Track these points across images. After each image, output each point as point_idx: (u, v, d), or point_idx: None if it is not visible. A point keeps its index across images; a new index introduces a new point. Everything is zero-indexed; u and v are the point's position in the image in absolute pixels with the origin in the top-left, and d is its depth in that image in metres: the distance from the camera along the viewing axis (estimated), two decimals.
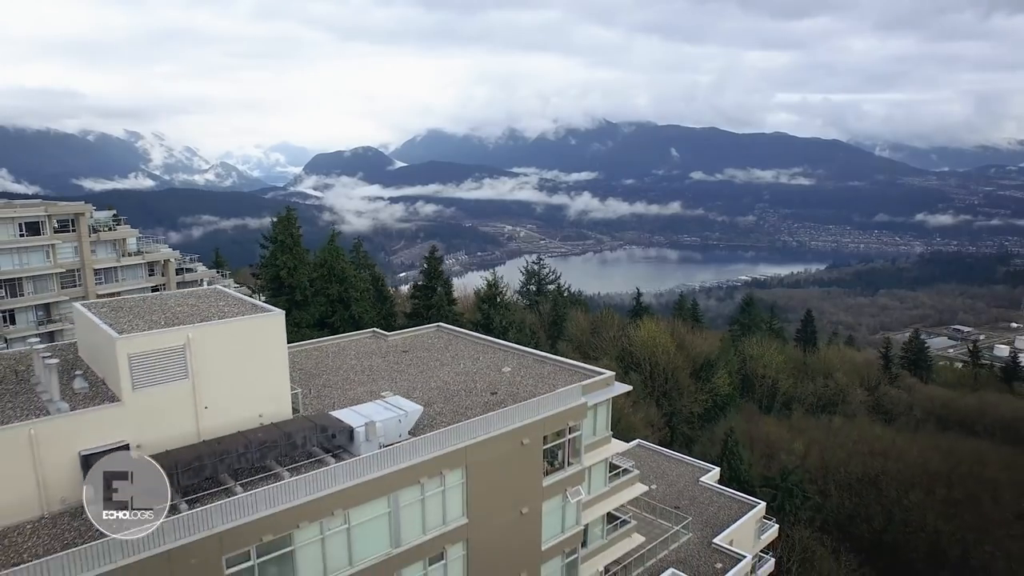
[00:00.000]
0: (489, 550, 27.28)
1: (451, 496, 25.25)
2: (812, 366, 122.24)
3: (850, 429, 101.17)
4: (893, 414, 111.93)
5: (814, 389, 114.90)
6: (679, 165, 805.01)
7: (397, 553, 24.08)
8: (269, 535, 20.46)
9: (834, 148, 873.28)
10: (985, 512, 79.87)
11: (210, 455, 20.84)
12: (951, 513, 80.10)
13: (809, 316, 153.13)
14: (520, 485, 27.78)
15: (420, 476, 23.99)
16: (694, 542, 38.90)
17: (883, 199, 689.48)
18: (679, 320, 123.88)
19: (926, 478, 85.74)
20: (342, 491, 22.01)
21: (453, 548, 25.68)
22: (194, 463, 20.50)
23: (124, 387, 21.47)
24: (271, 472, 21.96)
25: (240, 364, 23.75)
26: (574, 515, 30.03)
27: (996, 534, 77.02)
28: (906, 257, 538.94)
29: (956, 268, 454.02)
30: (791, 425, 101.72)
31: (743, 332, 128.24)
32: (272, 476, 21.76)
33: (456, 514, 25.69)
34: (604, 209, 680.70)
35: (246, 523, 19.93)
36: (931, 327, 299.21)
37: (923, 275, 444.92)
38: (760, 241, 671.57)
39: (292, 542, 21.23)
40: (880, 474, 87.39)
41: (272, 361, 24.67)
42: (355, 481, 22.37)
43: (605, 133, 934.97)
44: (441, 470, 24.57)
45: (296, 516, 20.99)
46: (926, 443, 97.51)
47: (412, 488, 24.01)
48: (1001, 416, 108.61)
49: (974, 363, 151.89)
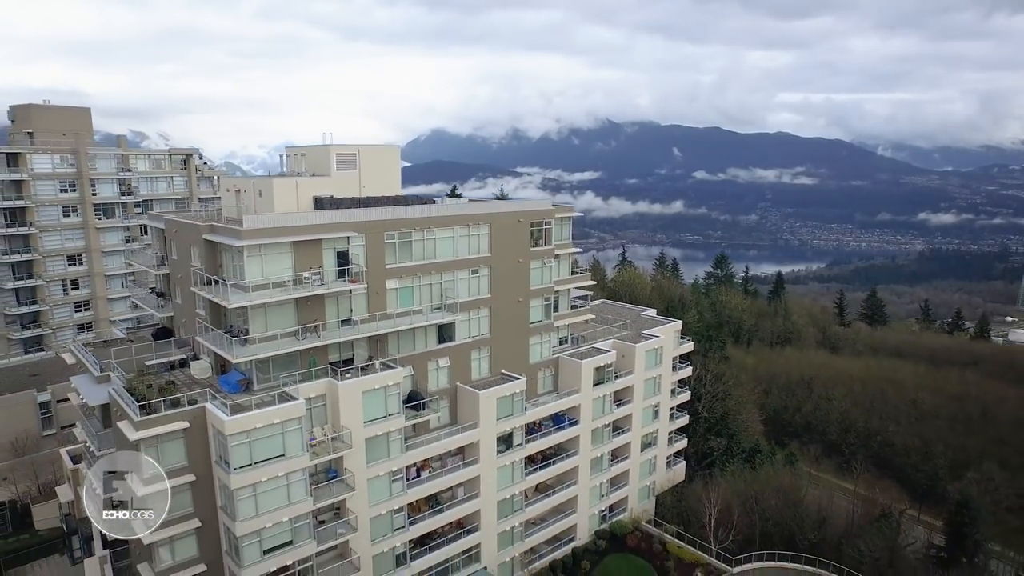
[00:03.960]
0: (501, 315, 48.89)
1: (482, 239, 47.29)
2: (774, 309, 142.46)
3: (799, 356, 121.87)
4: (838, 347, 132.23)
5: (772, 327, 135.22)
6: (682, 165, 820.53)
7: (453, 260, 46.07)
8: (401, 228, 42.82)
9: (837, 148, 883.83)
10: (889, 401, 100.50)
11: (365, 201, 43.12)
12: (863, 403, 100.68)
13: (780, 278, 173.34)
14: (518, 274, 49.14)
15: (468, 222, 46.42)
16: (630, 333, 60.39)
17: (886, 198, 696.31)
18: (660, 272, 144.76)
19: (848, 380, 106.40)
20: (430, 218, 44.40)
21: (482, 270, 47.65)
22: (361, 204, 42.51)
23: (332, 168, 44.85)
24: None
25: (377, 166, 46.93)
26: (548, 275, 51.68)
27: (896, 416, 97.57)
28: (906, 255, 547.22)
29: (955, 265, 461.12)
30: (749, 351, 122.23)
31: (717, 284, 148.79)
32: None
33: (484, 249, 47.49)
34: (607, 208, 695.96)
35: (390, 219, 42.34)
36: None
37: (921, 271, 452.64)
38: (762, 240, 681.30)
39: (410, 237, 43.43)
40: (813, 378, 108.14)
41: (392, 167, 48.22)
42: (438, 214, 45.03)
43: (608, 133, 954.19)
44: (478, 222, 47.06)
45: (411, 224, 43.38)
46: (857, 362, 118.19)
47: (463, 227, 46.15)
48: (925, 346, 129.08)
49: (925, 319, 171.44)
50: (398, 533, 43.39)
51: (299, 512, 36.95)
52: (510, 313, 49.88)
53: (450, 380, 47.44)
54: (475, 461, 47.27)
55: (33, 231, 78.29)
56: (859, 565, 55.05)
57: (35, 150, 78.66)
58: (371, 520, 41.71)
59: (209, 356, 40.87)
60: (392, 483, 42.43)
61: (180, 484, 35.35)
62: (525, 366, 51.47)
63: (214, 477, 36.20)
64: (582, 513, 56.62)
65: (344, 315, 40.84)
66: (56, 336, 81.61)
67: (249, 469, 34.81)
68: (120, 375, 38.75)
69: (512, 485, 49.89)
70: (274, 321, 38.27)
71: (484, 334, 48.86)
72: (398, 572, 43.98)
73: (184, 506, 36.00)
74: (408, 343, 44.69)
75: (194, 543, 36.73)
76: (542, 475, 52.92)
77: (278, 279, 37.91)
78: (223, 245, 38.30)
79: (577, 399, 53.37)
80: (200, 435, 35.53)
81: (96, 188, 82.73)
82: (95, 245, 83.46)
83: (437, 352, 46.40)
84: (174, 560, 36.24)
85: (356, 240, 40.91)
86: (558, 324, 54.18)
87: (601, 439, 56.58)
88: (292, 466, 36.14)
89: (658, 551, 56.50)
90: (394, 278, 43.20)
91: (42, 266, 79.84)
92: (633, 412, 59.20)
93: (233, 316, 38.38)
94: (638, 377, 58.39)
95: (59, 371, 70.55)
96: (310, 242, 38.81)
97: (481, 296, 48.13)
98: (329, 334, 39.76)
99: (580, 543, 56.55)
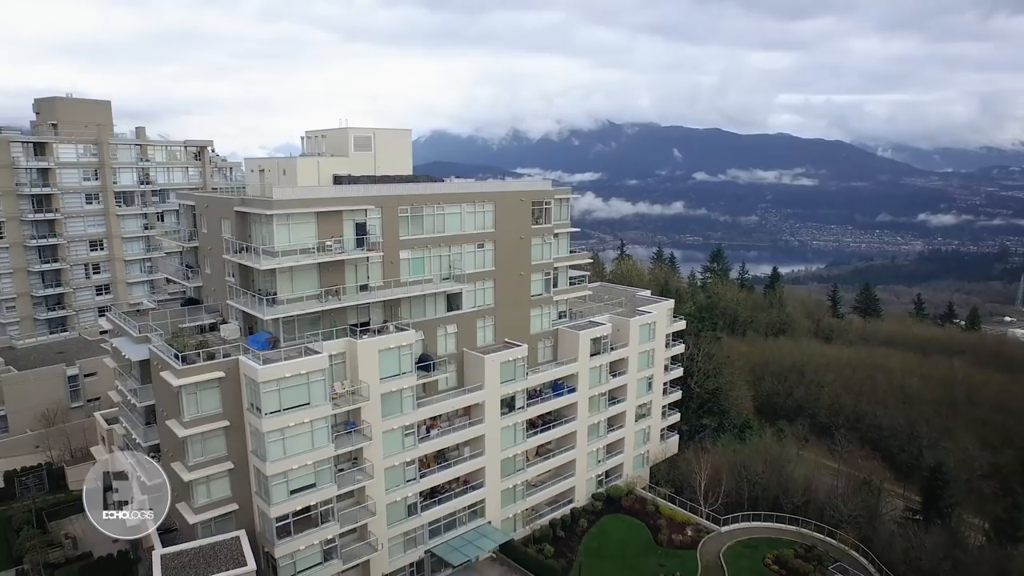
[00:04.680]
0: (504, 287, 52.80)
1: (487, 216, 51.15)
2: (768, 301, 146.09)
3: (792, 345, 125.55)
4: (831, 338, 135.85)
5: (767, 319, 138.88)
6: (682, 166, 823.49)
7: (461, 234, 50.02)
8: (414, 204, 46.87)
9: (837, 149, 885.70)
10: (878, 387, 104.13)
11: (380, 179, 46.97)
12: (853, 388, 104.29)
13: (775, 272, 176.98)
14: (520, 249, 52.94)
15: (474, 199, 50.40)
16: (626, 311, 64.16)
17: (886, 199, 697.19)
18: (658, 265, 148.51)
19: (840, 367, 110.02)
20: (440, 194, 48.51)
21: (487, 245, 51.55)
22: (376, 181, 46.40)
23: (349, 149, 48.54)
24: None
25: (391, 147, 50.96)
26: (548, 252, 55.54)
27: (884, 400, 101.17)
28: (906, 256, 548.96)
29: (954, 265, 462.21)
30: (743, 340, 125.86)
31: (713, 277, 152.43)
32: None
33: (489, 225, 51.46)
34: (607, 209, 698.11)
35: (404, 195, 46.27)
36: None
37: (920, 271, 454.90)
38: (762, 240, 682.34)
39: (422, 212, 47.36)
40: (805, 364, 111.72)
41: (404, 149, 51.98)
42: (447, 191, 49.02)
43: (608, 134, 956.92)
44: (483, 200, 51.03)
45: (422, 200, 47.37)
46: (848, 351, 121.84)
47: (469, 204, 50.07)
48: (916, 335, 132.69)
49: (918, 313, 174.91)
50: (410, 484, 47.16)
51: (321, 457, 40.74)
52: (512, 285, 53.73)
53: (457, 346, 51.23)
54: (480, 421, 51.05)
55: (58, 216, 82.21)
56: (840, 524, 58.69)
57: (60, 140, 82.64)
58: (385, 470, 45.49)
59: (238, 319, 44.75)
60: (405, 437, 46.21)
61: (215, 429, 39.23)
62: (526, 336, 55.26)
63: (246, 423, 40.02)
64: (580, 477, 60.36)
65: (362, 281, 44.70)
66: (79, 318, 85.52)
67: (278, 415, 38.62)
68: (159, 334, 42.66)
69: (515, 445, 53.67)
70: (299, 284, 42.12)
71: (488, 304, 52.70)
72: (409, 520, 47.73)
73: (219, 450, 39.88)
74: (419, 310, 48.51)
75: (227, 484, 40.58)
76: (542, 438, 56.72)
77: (303, 246, 41.78)
78: (254, 215, 42.14)
79: (575, 367, 57.15)
80: (233, 385, 39.37)
81: (117, 177, 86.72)
82: (115, 231, 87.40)
83: (446, 319, 50.21)
84: (210, 498, 40.09)
85: (373, 213, 44.75)
86: (557, 298, 58.00)
87: (598, 407, 60.36)
88: (316, 414, 39.94)
89: (651, 512, 60.21)
90: (407, 249, 47.05)
91: (66, 250, 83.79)
92: (628, 383, 62.94)
93: (262, 280, 42.20)
94: (632, 350, 62.16)
95: (82, 350, 74.69)
96: (332, 213, 42.65)
97: (486, 269, 51.99)
98: (348, 297, 43.62)
99: (578, 504, 60.29)
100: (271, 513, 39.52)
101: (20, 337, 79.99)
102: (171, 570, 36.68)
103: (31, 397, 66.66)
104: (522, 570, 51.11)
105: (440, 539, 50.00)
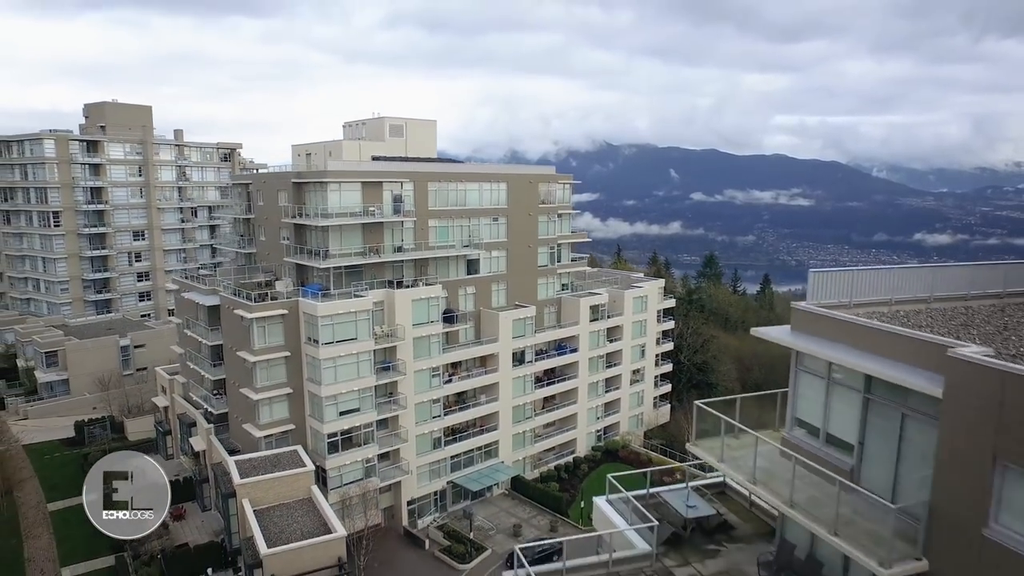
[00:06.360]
0: (515, 256, 60.99)
1: (501, 193, 59.31)
2: (760, 303, 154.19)
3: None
4: None
5: (758, 319, 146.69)
6: (679, 186, 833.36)
7: (478, 208, 58.14)
8: (440, 180, 55.13)
9: (833, 169, 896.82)
10: None
11: (411, 160, 55.29)
12: None
13: (767, 279, 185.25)
14: (528, 224, 61.20)
15: (490, 179, 58.52)
16: (621, 287, 72.21)
17: (882, 219, 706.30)
18: (653, 268, 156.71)
19: None
20: (462, 173, 57.29)
21: (500, 219, 59.61)
22: (408, 160, 54.68)
23: (385, 135, 58.03)
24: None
25: (419, 134, 60.67)
26: (553, 229, 63.74)
27: None
28: None
29: None
30: (734, 337, 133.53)
31: (706, 281, 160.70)
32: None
33: (502, 202, 59.57)
34: (605, 229, 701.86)
35: (432, 172, 54.77)
36: None
37: None
38: (759, 260, 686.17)
39: (447, 187, 55.59)
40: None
41: (431, 137, 61.14)
42: (467, 171, 57.56)
43: (606, 155, 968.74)
44: (498, 180, 59.26)
45: (447, 177, 55.95)
46: None
47: (486, 183, 58.33)
48: None
49: None
50: (436, 420, 54.90)
51: (365, 385, 48.60)
52: (522, 255, 61.96)
53: (475, 305, 59.28)
54: (495, 370, 58.93)
55: (107, 208, 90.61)
56: None
57: (110, 139, 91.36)
58: (415, 405, 53.27)
59: (291, 275, 52.85)
60: (432, 377, 54.08)
61: (278, 358, 47.16)
62: (534, 301, 63.32)
63: (303, 355, 47.93)
64: (581, 430, 67.99)
65: (397, 243, 52.89)
66: (122, 301, 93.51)
67: (332, 346, 46.57)
68: (225, 285, 50.81)
69: (524, 395, 61.46)
70: (347, 241, 50.32)
71: (502, 271, 60.87)
72: (434, 452, 55.36)
73: (280, 377, 47.76)
74: (444, 271, 56.66)
75: (286, 407, 48.41)
76: (548, 390, 64.54)
77: (352, 210, 50.05)
78: (309, 185, 50.48)
79: (576, 330, 65.13)
80: (293, 321, 47.39)
81: (158, 173, 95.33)
82: (156, 223, 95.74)
83: (466, 281, 58.34)
84: (272, 418, 47.86)
85: (407, 186, 53.10)
86: (560, 271, 66.14)
87: (596, 367, 68.21)
88: (361, 347, 47.88)
89: (645, 461, 67.61)
90: (434, 218, 55.33)
91: (113, 239, 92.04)
92: (623, 348, 70.84)
93: (315, 239, 50.39)
94: (627, 319, 70.19)
95: (128, 327, 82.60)
96: (374, 184, 51.01)
97: (500, 240, 60.25)
98: (386, 255, 51.78)
99: (580, 454, 67.81)
100: (324, 430, 47.25)
101: (72, 316, 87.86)
102: (244, 471, 44.29)
103: (88, 364, 74.43)
104: (531, 502, 58.60)
105: (460, 473, 57.58)
